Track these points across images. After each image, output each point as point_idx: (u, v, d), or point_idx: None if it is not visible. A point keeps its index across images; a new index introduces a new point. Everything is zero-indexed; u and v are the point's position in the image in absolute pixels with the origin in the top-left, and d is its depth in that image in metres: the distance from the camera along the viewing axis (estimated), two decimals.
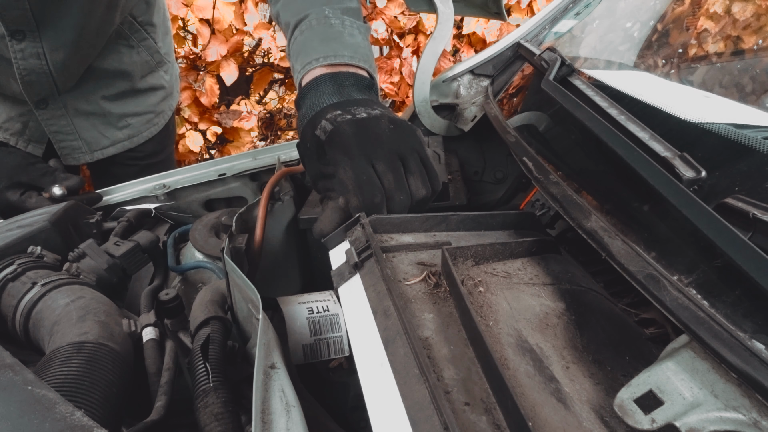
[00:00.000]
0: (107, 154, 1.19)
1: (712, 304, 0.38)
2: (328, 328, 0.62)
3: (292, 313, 0.63)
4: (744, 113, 0.65)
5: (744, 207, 0.40)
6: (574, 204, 0.55)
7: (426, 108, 1.02)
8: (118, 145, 1.20)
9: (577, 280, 0.59)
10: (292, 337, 0.60)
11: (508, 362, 0.43)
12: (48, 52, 0.97)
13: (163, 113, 1.29)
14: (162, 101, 1.27)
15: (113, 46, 1.11)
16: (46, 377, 0.45)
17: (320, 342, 0.61)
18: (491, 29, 3.02)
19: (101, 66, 1.11)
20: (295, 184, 0.93)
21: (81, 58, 1.04)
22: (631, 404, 0.39)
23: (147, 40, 1.18)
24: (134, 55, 1.16)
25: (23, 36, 0.94)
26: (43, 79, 1.00)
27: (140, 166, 1.26)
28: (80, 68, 1.06)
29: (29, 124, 1.10)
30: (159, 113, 1.27)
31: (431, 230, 0.63)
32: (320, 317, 0.63)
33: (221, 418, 0.46)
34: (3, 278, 0.60)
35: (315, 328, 0.62)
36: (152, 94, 1.24)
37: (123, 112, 1.18)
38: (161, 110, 1.28)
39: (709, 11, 1.20)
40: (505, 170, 1.05)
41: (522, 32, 1.05)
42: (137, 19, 1.15)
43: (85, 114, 1.12)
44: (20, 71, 0.97)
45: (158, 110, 1.27)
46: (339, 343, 0.62)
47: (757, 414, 0.34)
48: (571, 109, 0.61)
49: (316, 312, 0.63)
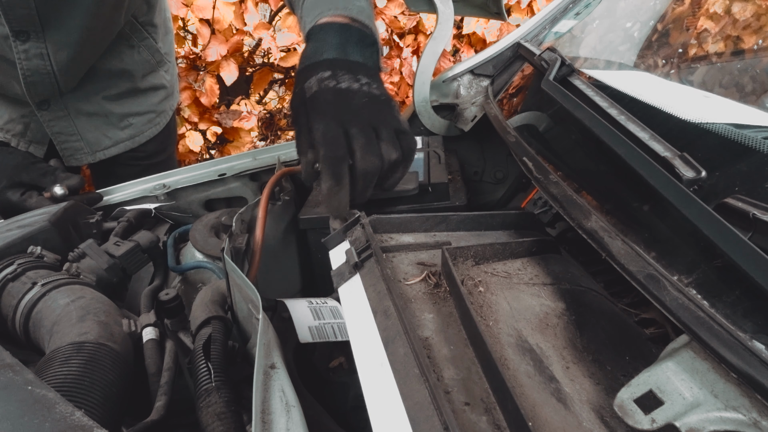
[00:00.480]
0: (109, 155, 1.19)
1: (712, 304, 0.38)
2: (330, 315, 0.64)
3: (293, 304, 0.64)
4: (744, 113, 0.65)
5: (744, 207, 0.40)
6: (574, 204, 0.55)
7: (426, 108, 1.02)
8: (120, 145, 1.20)
9: (577, 280, 0.59)
10: (297, 322, 0.61)
11: (508, 362, 0.43)
12: (52, 53, 0.97)
13: (164, 113, 1.28)
14: (163, 100, 1.27)
15: (114, 47, 1.11)
16: (46, 377, 0.45)
17: (324, 325, 0.63)
18: (491, 29, 3.02)
19: (103, 66, 1.10)
20: (295, 184, 0.93)
21: (85, 59, 1.04)
22: (631, 404, 0.39)
23: (147, 40, 1.18)
24: (135, 55, 1.16)
25: (27, 36, 0.93)
26: (46, 79, 1.00)
27: (142, 166, 1.26)
28: (83, 69, 1.06)
29: (30, 126, 1.09)
30: (160, 113, 1.27)
31: (431, 230, 0.63)
32: (320, 306, 0.65)
33: (224, 418, 0.46)
34: (3, 278, 0.60)
35: (317, 313, 0.63)
36: (153, 93, 1.24)
37: (125, 112, 1.18)
38: (162, 109, 1.28)
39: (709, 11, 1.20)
40: (505, 170, 1.05)
41: (522, 32, 1.05)
42: (138, 20, 1.15)
43: (86, 114, 1.12)
44: (24, 72, 0.97)
45: (159, 110, 1.26)
46: (342, 327, 0.63)
47: (757, 414, 0.34)
48: (571, 109, 0.61)
49: (315, 303, 0.65)
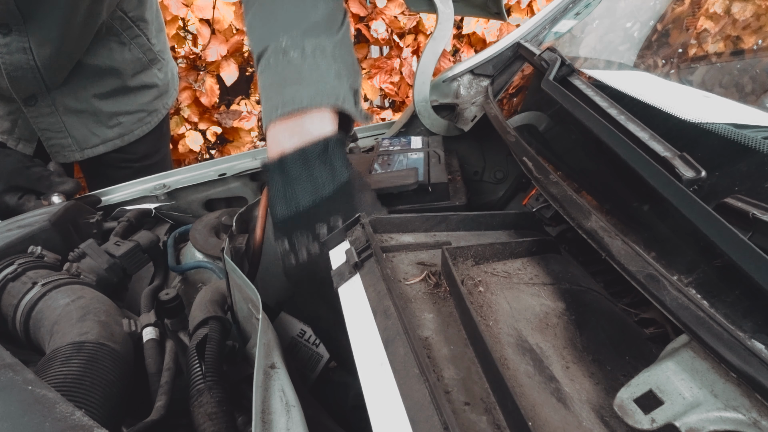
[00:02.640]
0: (97, 153, 1.18)
1: (711, 304, 0.38)
2: (305, 359, 0.65)
3: (288, 320, 0.64)
4: (744, 113, 0.65)
5: (744, 207, 0.40)
6: (574, 204, 0.55)
7: (426, 108, 1.02)
8: (109, 143, 1.19)
9: (577, 280, 0.59)
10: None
11: (508, 362, 0.43)
12: (35, 47, 0.95)
13: (156, 112, 1.26)
14: (155, 100, 1.25)
15: (104, 43, 1.09)
16: (46, 377, 0.46)
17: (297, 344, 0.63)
18: (491, 29, 3.02)
19: (91, 63, 1.09)
20: None
21: (68, 53, 1.03)
22: (631, 404, 0.39)
23: (140, 37, 1.16)
24: (126, 53, 1.14)
25: (8, 30, 0.92)
26: (30, 74, 0.98)
27: (134, 169, 1.24)
28: (68, 64, 1.05)
29: (18, 122, 1.08)
30: (151, 112, 1.25)
31: (431, 230, 0.63)
32: (303, 345, 0.65)
33: (215, 418, 0.46)
34: (3, 278, 0.60)
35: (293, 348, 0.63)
36: (145, 92, 1.22)
37: (114, 110, 1.16)
38: (154, 109, 1.26)
39: (708, 11, 1.20)
40: (505, 170, 1.05)
41: (522, 32, 1.05)
42: (128, 15, 1.12)
43: (75, 112, 1.11)
44: (6, 66, 0.95)
45: (150, 109, 1.25)
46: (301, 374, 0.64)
47: (756, 414, 0.34)
48: (571, 109, 0.61)
49: (305, 339, 0.66)
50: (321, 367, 0.64)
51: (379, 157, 0.89)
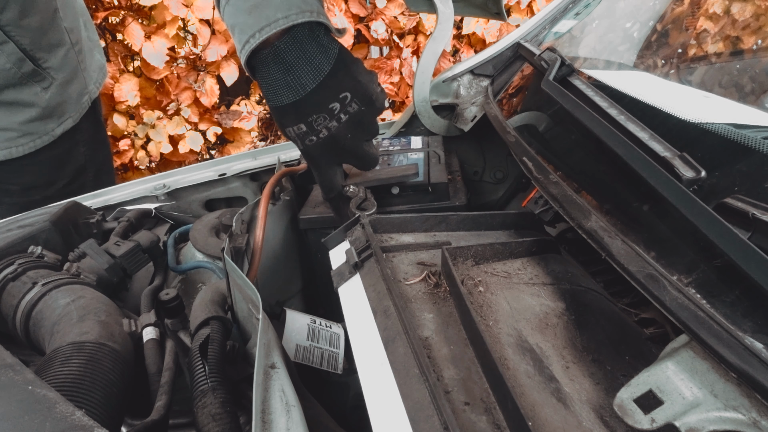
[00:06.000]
0: None
1: (711, 304, 0.38)
2: (326, 341, 0.64)
3: (293, 315, 0.64)
4: (744, 113, 0.65)
5: (744, 207, 0.40)
6: (574, 204, 0.55)
7: (426, 108, 1.02)
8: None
9: (577, 280, 0.59)
10: (288, 335, 0.61)
11: (508, 362, 0.43)
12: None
13: (32, 135, 1.09)
14: (35, 122, 1.08)
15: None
16: (46, 377, 0.45)
17: (314, 349, 0.63)
18: (491, 29, 3.02)
19: None
20: (295, 184, 0.93)
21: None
22: (630, 404, 0.39)
23: (7, 44, 0.99)
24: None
25: None
26: None
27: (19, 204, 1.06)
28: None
29: None
30: (27, 134, 1.08)
31: (431, 230, 0.63)
32: (320, 329, 0.65)
33: (219, 419, 0.45)
34: (3, 278, 0.60)
35: (313, 334, 0.63)
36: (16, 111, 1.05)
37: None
38: (31, 131, 1.08)
39: (708, 11, 1.20)
40: (505, 170, 1.05)
41: (522, 32, 1.05)
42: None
43: None
44: None
45: (26, 130, 1.08)
46: (334, 358, 0.64)
47: (756, 414, 0.34)
48: (571, 109, 0.61)
49: (318, 323, 0.65)
50: (344, 343, 0.65)
51: (379, 157, 0.89)
